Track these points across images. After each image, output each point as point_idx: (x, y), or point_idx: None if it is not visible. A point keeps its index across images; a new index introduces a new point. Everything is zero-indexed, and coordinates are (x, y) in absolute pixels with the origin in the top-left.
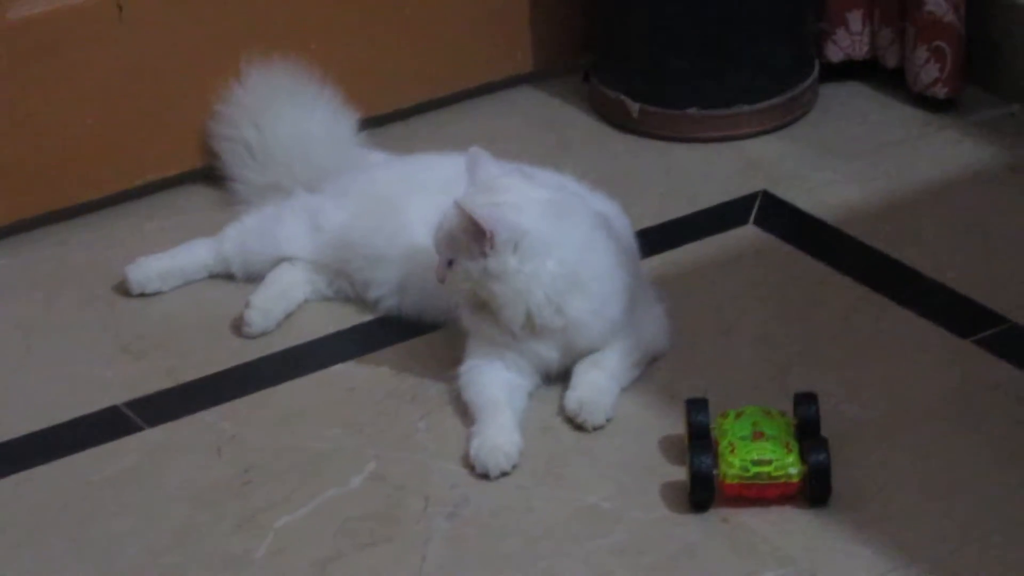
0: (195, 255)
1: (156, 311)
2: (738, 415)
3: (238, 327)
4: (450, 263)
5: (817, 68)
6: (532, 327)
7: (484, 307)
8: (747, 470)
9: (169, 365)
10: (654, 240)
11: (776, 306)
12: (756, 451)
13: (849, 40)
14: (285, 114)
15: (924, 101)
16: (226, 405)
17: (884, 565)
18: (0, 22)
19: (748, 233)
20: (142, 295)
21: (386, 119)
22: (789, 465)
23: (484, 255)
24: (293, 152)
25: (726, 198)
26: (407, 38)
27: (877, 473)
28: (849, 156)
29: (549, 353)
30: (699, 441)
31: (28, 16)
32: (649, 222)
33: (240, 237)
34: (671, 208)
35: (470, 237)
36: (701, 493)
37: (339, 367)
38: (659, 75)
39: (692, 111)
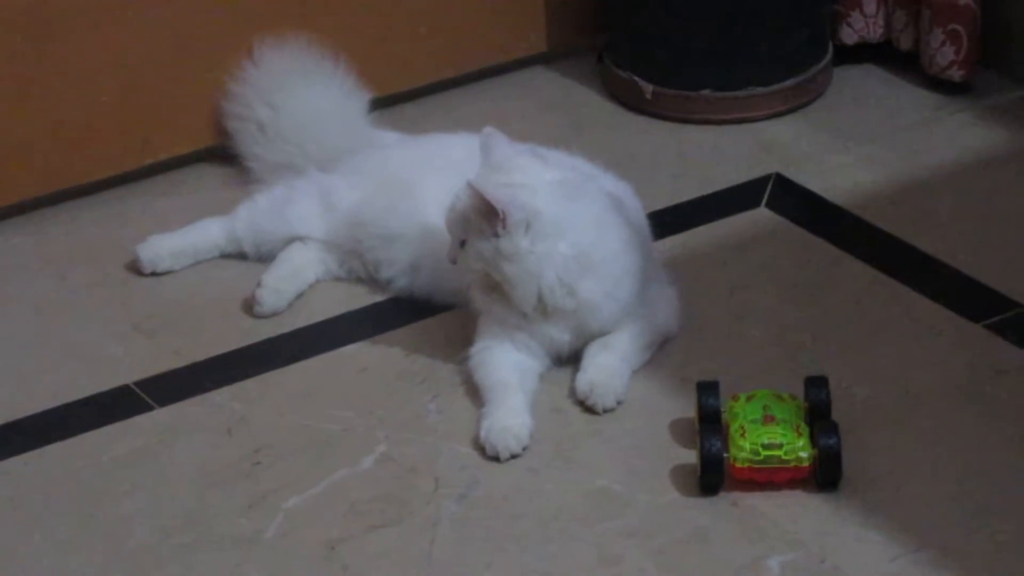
0: (207, 234)
1: (167, 290)
2: (749, 398)
3: (249, 307)
4: (462, 244)
5: (831, 50)
6: (544, 309)
7: (496, 288)
8: (758, 454)
9: (180, 344)
10: (666, 222)
11: (788, 289)
12: (767, 435)
13: (864, 22)
14: (297, 93)
15: (938, 84)
16: (237, 385)
17: (894, 550)
18: (15, 1)
19: (761, 216)
20: (153, 274)
21: (399, 99)
22: (800, 449)
23: (496, 235)
24: (305, 131)
25: (739, 180)
26: (421, 18)
27: (888, 457)
28: (862, 139)
29: (560, 335)
30: (710, 424)
31: None
32: (661, 204)
33: (252, 216)
34: (684, 190)
35: (483, 217)
36: (711, 476)
37: (350, 348)
38: (673, 56)
39: (705, 92)
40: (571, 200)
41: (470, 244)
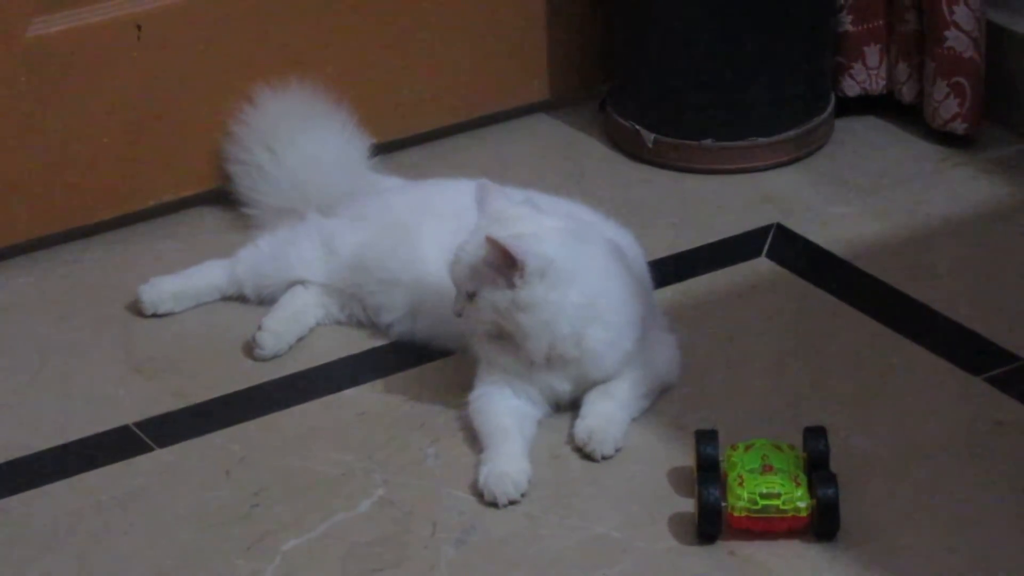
0: (208, 277)
1: (168, 332)
2: (747, 448)
3: (250, 349)
4: (470, 296)
5: (833, 102)
6: (549, 358)
7: (501, 337)
8: (755, 503)
9: (180, 386)
10: (667, 271)
11: (788, 339)
12: (765, 484)
13: (866, 74)
14: (297, 138)
15: (940, 136)
16: (236, 427)
17: None
18: (20, 39)
19: (761, 266)
20: (155, 315)
21: (402, 144)
22: (798, 499)
23: (512, 286)
24: (305, 176)
25: (740, 230)
26: (424, 64)
27: (886, 509)
28: (864, 190)
29: (561, 385)
30: (708, 473)
31: (47, 34)
32: (662, 252)
33: (253, 260)
34: (684, 239)
35: (496, 269)
36: (709, 525)
37: (350, 392)
38: (675, 106)
39: (707, 142)
40: (577, 246)
41: (482, 296)
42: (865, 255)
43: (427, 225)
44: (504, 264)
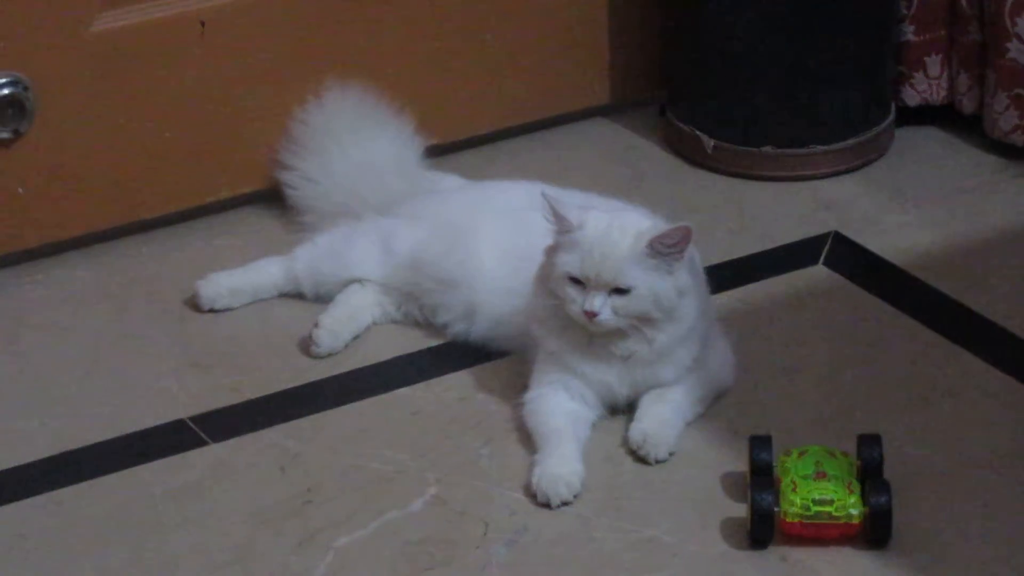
0: (266, 273)
1: (225, 327)
2: (801, 454)
3: (306, 346)
4: (620, 292)
5: (893, 111)
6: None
7: (613, 334)
8: (808, 509)
9: (235, 381)
10: (723, 276)
11: (843, 347)
12: (818, 490)
13: (927, 84)
14: (352, 140)
15: (1000, 147)
16: (291, 423)
17: None
18: (84, 33)
19: (818, 273)
20: (212, 311)
21: (462, 145)
22: (851, 506)
23: (671, 272)
24: (360, 177)
25: (797, 237)
26: (485, 66)
27: (938, 518)
28: (922, 200)
29: (620, 387)
30: (761, 478)
31: (112, 28)
32: (719, 258)
33: (311, 258)
34: (742, 245)
35: (660, 256)
36: (761, 530)
37: (404, 390)
38: (735, 112)
39: (767, 149)
40: None
41: (641, 289)
42: (922, 264)
43: (485, 225)
44: (668, 248)
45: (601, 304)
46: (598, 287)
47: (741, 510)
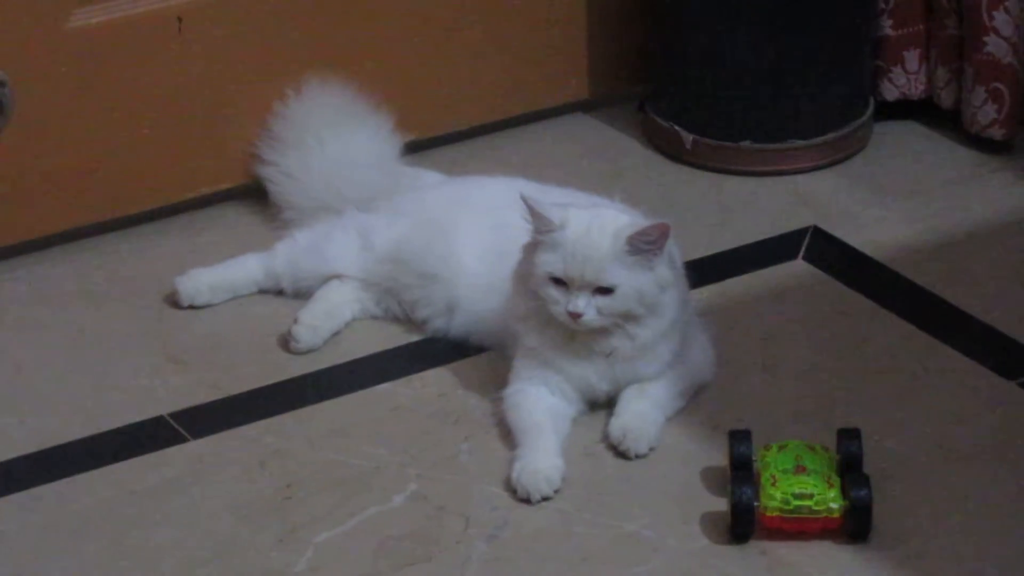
0: (245, 269)
1: (204, 323)
2: (781, 448)
3: (285, 343)
4: (603, 291)
5: (872, 106)
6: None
7: (597, 331)
8: (788, 503)
9: (215, 378)
10: (703, 271)
11: (822, 341)
12: (798, 484)
13: (905, 79)
14: (329, 135)
15: (978, 142)
16: (270, 420)
17: None
18: (62, 30)
19: (797, 268)
20: (191, 307)
21: (441, 141)
22: (830, 500)
23: (651, 268)
24: (338, 173)
25: (776, 232)
26: (464, 61)
27: (918, 512)
28: (901, 194)
29: (600, 382)
30: (741, 473)
31: (90, 25)
32: (699, 253)
33: (291, 253)
34: (721, 240)
35: (641, 252)
36: (741, 525)
37: (384, 386)
38: (714, 107)
39: (746, 144)
40: None
41: (624, 287)
42: (901, 259)
43: (464, 221)
44: (647, 244)
45: (585, 305)
46: (581, 287)
47: (721, 505)
